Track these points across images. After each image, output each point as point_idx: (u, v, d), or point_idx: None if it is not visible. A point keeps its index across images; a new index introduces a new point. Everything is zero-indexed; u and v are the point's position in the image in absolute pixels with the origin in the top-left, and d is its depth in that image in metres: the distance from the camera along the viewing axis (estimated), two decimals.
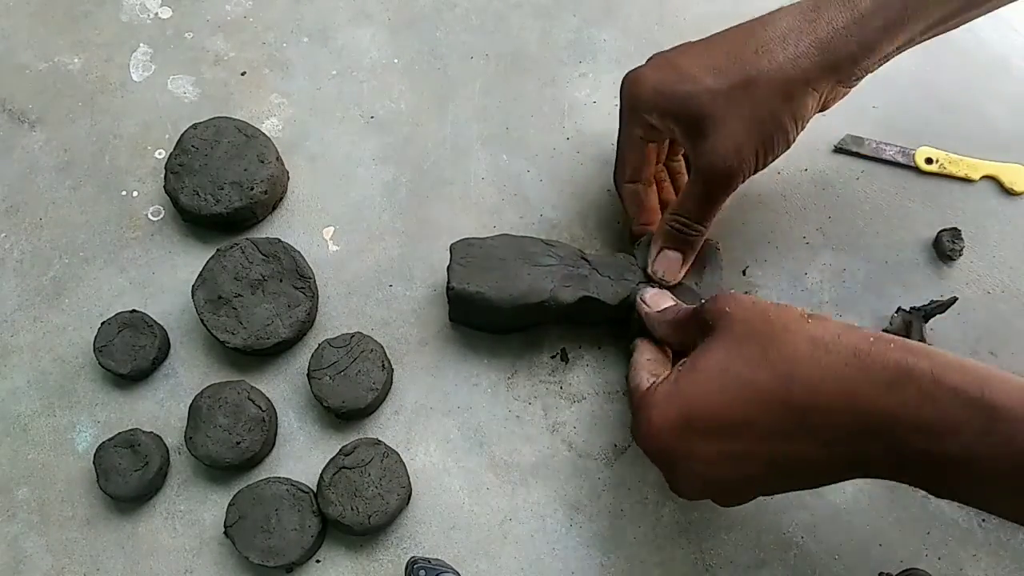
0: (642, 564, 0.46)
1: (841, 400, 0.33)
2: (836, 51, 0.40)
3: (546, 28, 0.59)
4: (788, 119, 0.41)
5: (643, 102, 0.43)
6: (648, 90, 0.43)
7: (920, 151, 0.55)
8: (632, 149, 0.46)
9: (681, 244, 0.45)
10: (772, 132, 0.41)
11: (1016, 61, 0.58)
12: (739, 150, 0.41)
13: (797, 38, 0.40)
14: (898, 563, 0.46)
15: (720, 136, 0.41)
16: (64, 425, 0.50)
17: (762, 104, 0.41)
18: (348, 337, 0.48)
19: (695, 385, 0.36)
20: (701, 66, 0.41)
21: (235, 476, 0.48)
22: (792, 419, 0.34)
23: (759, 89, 0.40)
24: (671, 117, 0.42)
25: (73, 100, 0.57)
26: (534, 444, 0.49)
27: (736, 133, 0.41)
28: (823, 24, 0.40)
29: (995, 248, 0.53)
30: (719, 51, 0.42)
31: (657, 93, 0.43)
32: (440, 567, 0.44)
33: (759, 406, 0.35)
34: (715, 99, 0.41)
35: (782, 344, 0.35)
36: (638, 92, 0.44)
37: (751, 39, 0.41)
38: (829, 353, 0.34)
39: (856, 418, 0.33)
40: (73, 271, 0.53)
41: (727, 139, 0.41)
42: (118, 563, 0.47)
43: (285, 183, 0.54)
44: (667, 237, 0.45)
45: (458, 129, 0.56)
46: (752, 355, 0.35)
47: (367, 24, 0.60)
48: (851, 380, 0.33)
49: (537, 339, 0.51)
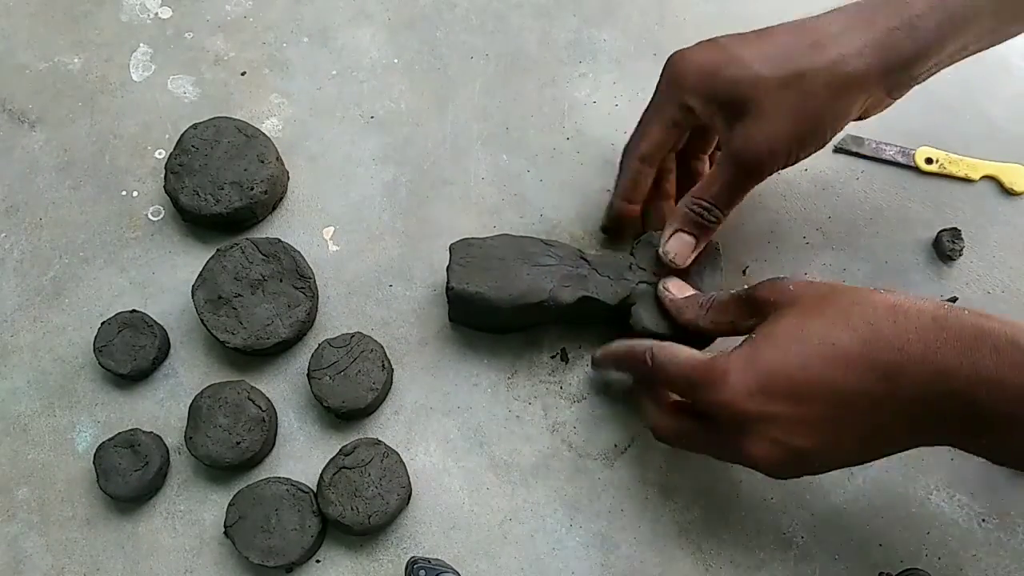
0: (642, 564, 0.46)
1: (923, 361, 0.33)
2: (890, 53, 0.40)
3: (546, 28, 0.59)
4: (829, 118, 0.41)
5: (688, 80, 0.43)
6: (694, 69, 0.43)
7: (920, 151, 0.55)
8: (659, 126, 0.45)
9: (697, 228, 0.45)
10: (811, 128, 0.41)
11: (1016, 61, 0.58)
12: (775, 140, 0.41)
13: (852, 36, 0.40)
14: (898, 563, 0.46)
15: (759, 123, 0.41)
16: (64, 425, 0.50)
17: (808, 99, 0.40)
18: (348, 337, 0.48)
19: (774, 349, 0.36)
20: (752, 54, 0.41)
21: (235, 476, 0.48)
22: (874, 380, 0.34)
23: (808, 83, 0.40)
24: (713, 99, 0.42)
25: (73, 100, 0.57)
26: (534, 444, 0.49)
27: (775, 123, 0.41)
28: (879, 24, 0.40)
29: (995, 248, 0.53)
30: (773, 42, 0.42)
31: (704, 73, 0.42)
32: (440, 567, 0.44)
33: (842, 368, 0.35)
34: (761, 87, 0.41)
35: (862, 308, 0.35)
36: (684, 70, 0.43)
37: (807, 34, 0.41)
38: (908, 317, 0.34)
39: (937, 378, 0.33)
40: (73, 271, 0.53)
41: (765, 127, 0.41)
42: (118, 563, 0.47)
43: (285, 183, 0.54)
44: (684, 219, 0.45)
45: (458, 129, 0.56)
46: (832, 319, 0.36)
47: (367, 24, 0.60)
48: (933, 341, 0.33)
49: (537, 339, 0.51)
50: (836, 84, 0.40)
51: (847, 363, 0.35)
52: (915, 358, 0.34)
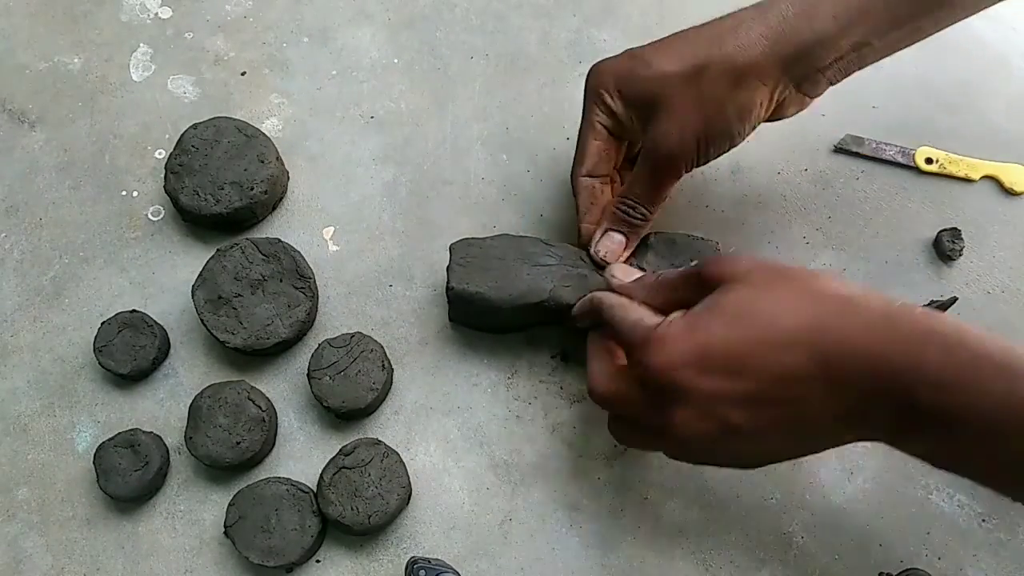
0: (642, 564, 0.46)
1: (867, 355, 0.33)
2: (785, 41, 0.41)
3: (546, 28, 0.59)
4: (732, 109, 0.42)
5: (606, 88, 0.45)
6: (610, 77, 0.45)
7: (920, 151, 0.55)
8: (593, 139, 0.47)
9: (626, 227, 0.46)
10: (716, 121, 0.42)
11: (1016, 61, 0.58)
12: (683, 135, 0.43)
13: (749, 27, 0.41)
14: (898, 563, 0.46)
15: (668, 119, 0.42)
16: (64, 425, 0.50)
17: (709, 90, 0.42)
18: (348, 337, 0.48)
19: (716, 322, 0.35)
20: (659, 55, 0.43)
21: (235, 476, 0.48)
22: (815, 365, 0.34)
23: (708, 75, 0.41)
24: (629, 103, 0.44)
25: (73, 100, 0.57)
26: (534, 444, 0.49)
27: (682, 118, 0.42)
28: (774, 14, 0.41)
29: (995, 248, 0.53)
30: (679, 42, 0.43)
31: (618, 79, 0.44)
32: (440, 567, 0.44)
33: (782, 349, 0.34)
34: (667, 83, 0.42)
35: (812, 295, 0.35)
36: (601, 80, 0.45)
37: (709, 29, 0.43)
38: (858, 307, 0.34)
39: (878, 373, 0.33)
40: (73, 271, 0.53)
41: (674, 123, 0.42)
42: (118, 563, 0.47)
43: (285, 183, 0.54)
44: (613, 218, 0.46)
45: (458, 129, 0.56)
46: (780, 300, 0.35)
47: (367, 24, 0.60)
48: (880, 333, 0.33)
49: (537, 339, 0.51)
50: (734, 74, 0.41)
51: (788, 345, 0.34)
52: (858, 351, 0.33)
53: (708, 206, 0.54)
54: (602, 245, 0.47)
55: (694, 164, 0.44)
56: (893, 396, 0.33)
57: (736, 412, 0.35)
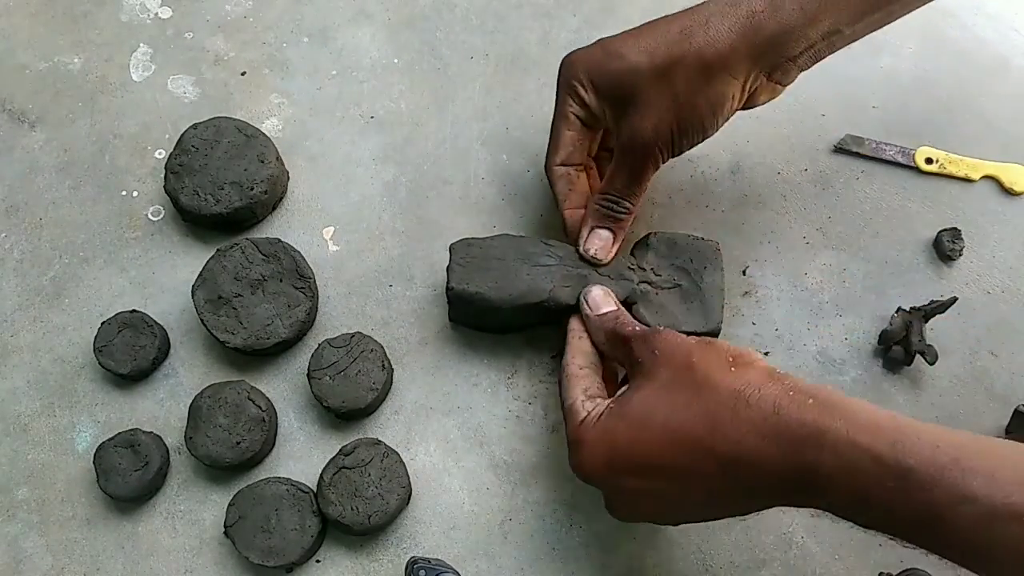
0: (642, 564, 0.46)
1: (761, 455, 0.34)
2: (754, 34, 0.41)
3: (546, 28, 0.59)
4: (704, 102, 0.43)
5: (578, 79, 0.45)
6: (582, 68, 0.45)
7: (920, 151, 0.55)
8: (566, 129, 0.47)
9: (610, 222, 0.47)
10: (689, 114, 0.43)
11: (1016, 61, 0.58)
12: (656, 127, 0.43)
13: (718, 21, 0.42)
14: (898, 563, 0.46)
15: (641, 113, 0.43)
16: (64, 425, 0.50)
17: (680, 84, 0.42)
18: (348, 337, 0.48)
19: (623, 427, 0.38)
20: (630, 48, 0.43)
21: (235, 476, 0.48)
22: (715, 466, 0.36)
23: (680, 70, 0.42)
24: (602, 95, 0.44)
25: (73, 100, 0.57)
26: (534, 444, 0.49)
27: (655, 112, 0.43)
28: (743, 8, 0.42)
29: (995, 248, 0.53)
30: (649, 34, 0.43)
31: (590, 70, 0.45)
32: (440, 567, 0.44)
33: (683, 452, 0.36)
34: (640, 77, 0.43)
35: (706, 395, 0.36)
36: (573, 71, 0.45)
37: (679, 23, 0.43)
38: (750, 407, 0.35)
39: (775, 472, 0.34)
40: (73, 271, 0.53)
41: (646, 116, 0.43)
42: (118, 563, 0.47)
43: (285, 183, 0.54)
44: (596, 216, 0.47)
45: (458, 129, 0.56)
46: (677, 403, 0.37)
47: (367, 24, 0.60)
48: (770, 436, 0.34)
49: (537, 339, 0.51)
50: (705, 69, 0.42)
51: (688, 448, 0.36)
52: (750, 451, 0.34)
53: (708, 206, 0.54)
54: (591, 243, 0.47)
55: (670, 155, 0.45)
56: (798, 490, 0.34)
57: (649, 501, 0.39)
